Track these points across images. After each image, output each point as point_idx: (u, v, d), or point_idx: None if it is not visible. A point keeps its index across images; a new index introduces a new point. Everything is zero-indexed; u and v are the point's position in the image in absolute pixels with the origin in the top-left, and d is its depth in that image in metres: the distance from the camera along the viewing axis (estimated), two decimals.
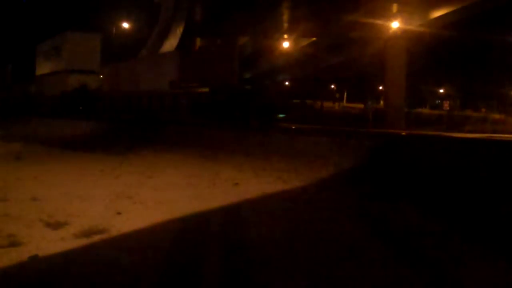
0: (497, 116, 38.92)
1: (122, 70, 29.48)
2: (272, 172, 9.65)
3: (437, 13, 30.41)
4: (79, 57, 29.98)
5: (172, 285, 3.80)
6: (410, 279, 3.91)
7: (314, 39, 40.43)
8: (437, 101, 50.23)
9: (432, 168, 8.05)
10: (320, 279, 3.89)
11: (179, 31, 40.96)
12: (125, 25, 43.65)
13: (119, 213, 5.97)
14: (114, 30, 45.58)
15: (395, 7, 31.40)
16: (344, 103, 57.33)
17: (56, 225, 5.33)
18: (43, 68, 38.62)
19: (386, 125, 31.29)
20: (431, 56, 38.51)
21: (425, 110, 47.40)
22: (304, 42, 41.35)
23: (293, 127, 17.10)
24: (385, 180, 8.12)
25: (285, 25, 38.95)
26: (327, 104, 55.26)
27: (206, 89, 23.63)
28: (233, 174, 9.41)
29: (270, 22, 38.05)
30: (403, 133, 20.51)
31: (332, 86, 57.56)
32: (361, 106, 47.47)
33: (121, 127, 18.73)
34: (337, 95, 57.00)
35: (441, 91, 48.89)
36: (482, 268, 4.20)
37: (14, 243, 4.65)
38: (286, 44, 39.21)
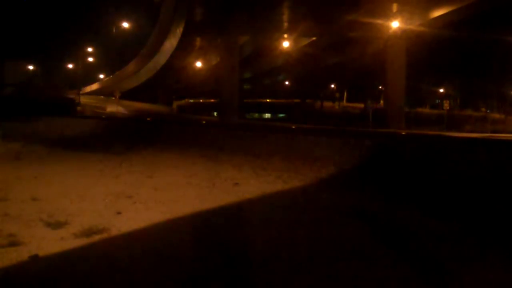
0: (497, 115, 38.96)
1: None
2: (271, 172, 9.65)
3: (437, 13, 30.41)
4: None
5: (172, 284, 3.80)
6: (411, 279, 3.91)
7: (314, 39, 40.44)
8: (437, 101, 50.23)
9: (432, 168, 8.06)
10: (320, 279, 3.90)
11: (179, 31, 40.94)
12: (125, 25, 43.69)
13: (119, 213, 5.98)
14: (114, 30, 45.65)
15: (395, 7, 31.40)
16: (344, 103, 57.32)
17: (56, 225, 5.33)
18: None
19: (386, 125, 31.33)
20: (431, 56, 38.51)
21: (425, 110, 47.43)
22: (304, 42, 41.35)
23: None
24: (385, 180, 8.11)
25: (285, 25, 38.94)
26: (327, 104, 55.31)
27: None
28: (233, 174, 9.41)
29: (270, 22, 38.02)
30: (403, 133, 20.53)
31: (332, 86, 57.57)
32: (361, 106, 47.48)
33: None
34: (337, 95, 57.00)
35: (441, 90, 48.90)
36: (484, 268, 4.20)
37: (14, 243, 4.65)
38: (286, 44, 39.19)
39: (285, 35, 39.08)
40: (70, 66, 60.39)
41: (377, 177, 8.35)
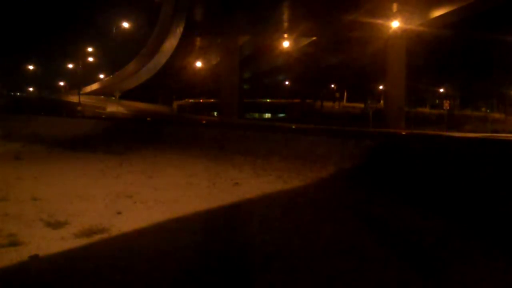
0: (497, 115, 38.95)
1: None
2: (272, 172, 9.65)
3: (437, 13, 30.39)
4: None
5: (172, 283, 3.80)
6: (409, 277, 3.91)
7: (314, 38, 40.39)
8: (437, 101, 50.19)
9: (431, 168, 8.05)
10: (320, 278, 3.90)
11: (179, 31, 40.90)
12: (125, 25, 43.70)
13: (119, 213, 5.98)
14: (114, 30, 45.66)
15: (395, 7, 31.38)
16: (344, 103, 57.30)
17: (56, 225, 5.33)
18: None
19: (386, 125, 31.31)
20: (431, 56, 38.49)
21: (425, 110, 47.43)
22: (304, 42, 41.30)
23: None
24: (385, 180, 8.12)
25: (285, 25, 38.90)
26: (327, 104, 55.31)
27: None
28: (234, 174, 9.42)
29: (270, 22, 37.98)
30: (403, 133, 20.53)
31: (332, 86, 57.55)
32: (361, 106, 47.47)
33: None
34: (337, 95, 56.97)
35: (441, 90, 48.85)
36: (481, 266, 4.20)
37: (14, 243, 4.65)
38: (286, 44, 39.15)
39: (285, 35, 39.03)
40: (70, 66, 60.43)
41: (377, 177, 8.35)
